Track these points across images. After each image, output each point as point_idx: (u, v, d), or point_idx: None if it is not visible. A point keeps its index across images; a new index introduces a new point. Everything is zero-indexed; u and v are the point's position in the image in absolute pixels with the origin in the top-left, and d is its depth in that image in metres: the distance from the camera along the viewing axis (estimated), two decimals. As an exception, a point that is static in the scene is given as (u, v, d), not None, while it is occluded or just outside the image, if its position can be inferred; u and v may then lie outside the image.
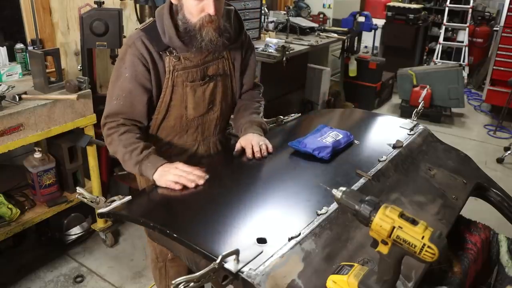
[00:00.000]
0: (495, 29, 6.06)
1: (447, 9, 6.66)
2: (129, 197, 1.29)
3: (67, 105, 2.28)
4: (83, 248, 2.74)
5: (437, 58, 6.74)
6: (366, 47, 6.27)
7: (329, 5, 5.60)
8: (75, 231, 2.71)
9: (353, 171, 1.46)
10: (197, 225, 1.17)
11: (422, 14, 6.67)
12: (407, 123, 1.90)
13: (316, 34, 4.46)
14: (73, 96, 2.27)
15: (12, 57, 2.57)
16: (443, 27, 6.75)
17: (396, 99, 5.79)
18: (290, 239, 1.08)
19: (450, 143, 1.93)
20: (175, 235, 1.11)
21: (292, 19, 4.49)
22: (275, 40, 3.66)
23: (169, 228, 1.14)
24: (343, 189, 0.98)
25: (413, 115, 1.92)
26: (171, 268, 1.76)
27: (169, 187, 1.35)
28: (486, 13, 6.88)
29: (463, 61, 6.54)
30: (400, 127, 1.88)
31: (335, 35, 4.49)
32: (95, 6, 2.65)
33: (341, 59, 5.05)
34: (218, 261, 0.94)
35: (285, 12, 4.70)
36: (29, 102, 2.16)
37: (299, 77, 4.57)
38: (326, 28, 4.74)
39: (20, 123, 2.08)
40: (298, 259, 1.04)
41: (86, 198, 1.28)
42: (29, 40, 2.74)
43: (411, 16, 6.38)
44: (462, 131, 5.06)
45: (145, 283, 2.49)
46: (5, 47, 2.51)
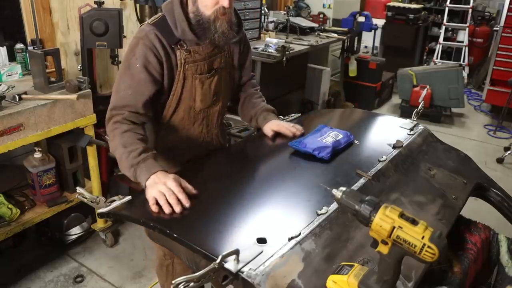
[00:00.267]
0: (495, 29, 6.06)
1: (447, 9, 6.66)
2: (129, 197, 1.29)
3: (67, 105, 2.28)
4: (83, 248, 2.74)
5: (437, 58, 6.74)
6: (366, 47, 6.27)
7: (329, 5, 5.61)
8: (75, 231, 2.71)
9: (353, 171, 1.46)
10: (197, 225, 1.17)
11: (422, 14, 6.68)
12: (407, 123, 1.90)
13: (316, 34, 4.46)
14: (73, 96, 2.27)
15: (12, 57, 2.57)
16: (443, 27, 6.75)
17: (396, 99, 5.80)
18: (290, 239, 1.08)
19: (450, 143, 1.93)
20: (175, 235, 1.11)
21: (292, 19, 4.49)
22: (275, 40, 3.66)
23: (169, 228, 1.14)
24: (343, 189, 0.98)
25: (413, 115, 1.92)
26: (178, 265, 1.75)
27: (149, 203, 1.24)
28: (486, 13, 6.88)
29: (463, 61, 6.54)
30: (400, 127, 1.88)
31: (335, 35, 4.49)
32: (95, 6, 2.65)
33: (341, 59, 5.05)
34: (218, 261, 0.94)
35: (285, 12, 4.69)
36: (29, 102, 2.16)
37: (299, 77, 4.57)
38: (326, 28, 4.74)
39: (20, 123, 2.08)
40: (298, 259, 1.04)
41: (86, 198, 1.28)
42: (29, 40, 2.74)
43: (411, 16, 6.38)
44: (462, 131, 5.06)
45: (145, 283, 2.49)
46: (5, 47, 2.51)
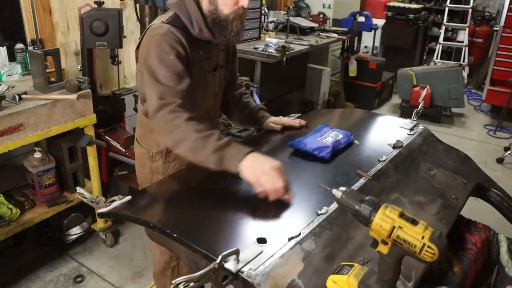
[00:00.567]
0: (495, 29, 6.07)
1: (447, 9, 6.67)
2: (129, 197, 1.29)
3: (67, 105, 2.28)
4: (83, 248, 2.74)
5: (437, 58, 6.74)
6: (366, 47, 6.27)
7: (329, 5, 5.61)
8: (75, 231, 2.71)
9: (353, 171, 1.46)
10: (197, 225, 1.17)
11: (422, 14, 6.68)
12: (407, 123, 1.90)
13: (316, 34, 4.47)
14: (73, 96, 2.27)
15: (12, 57, 2.57)
16: (443, 27, 6.76)
17: (396, 99, 5.80)
18: (290, 239, 1.08)
19: (450, 143, 1.93)
20: (175, 235, 1.11)
21: (292, 19, 4.49)
22: (275, 40, 3.66)
23: (169, 228, 1.14)
24: (343, 189, 0.98)
25: (413, 115, 1.92)
26: (185, 265, 1.75)
27: (253, 185, 1.22)
28: (486, 13, 6.88)
29: (463, 61, 6.55)
30: (400, 127, 1.88)
31: (335, 35, 4.49)
32: (95, 6, 2.65)
33: (341, 59, 5.05)
34: (218, 261, 0.94)
35: (285, 12, 4.70)
36: (29, 102, 2.16)
37: (299, 77, 4.57)
38: (326, 28, 4.75)
39: (20, 123, 2.08)
40: (298, 259, 1.04)
41: (86, 198, 1.28)
42: (29, 40, 2.74)
43: (411, 16, 6.39)
44: (462, 131, 5.06)
45: (145, 283, 2.49)
46: (5, 47, 2.51)
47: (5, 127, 2.03)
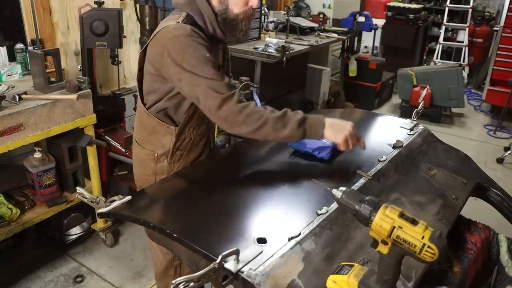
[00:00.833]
0: (495, 29, 6.07)
1: (447, 9, 6.67)
2: (129, 197, 1.29)
3: (67, 105, 2.28)
4: (83, 248, 2.75)
5: (437, 58, 6.74)
6: (366, 47, 6.27)
7: (329, 5, 5.61)
8: (75, 231, 2.71)
9: (353, 171, 1.46)
10: (197, 225, 1.18)
11: (422, 14, 6.68)
12: (407, 123, 1.90)
13: (316, 34, 4.46)
14: (73, 96, 2.27)
15: (12, 57, 2.56)
16: (443, 27, 6.75)
17: (396, 99, 5.80)
18: (290, 239, 1.08)
19: (450, 143, 1.93)
20: (175, 235, 1.11)
21: (292, 19, 4.49)
22: (275, 40, 3.66)
23: (169, 228, 1.14)
24: (343, 189, 0.98)
25: (413, 115, 1.92)
26: (187, 265, 1.74)
27: (338, 145, 1.42)
28: (486, 13, 6.88)
29: (463, 61, 6.54)
30: (400, 127, 1.88)
31: (335, 35, 4.49)
32: (95, 6, 2.65)
33: (341, 59, 5.05)
34: (218, 261, 0.94)
35: (285, 12, 4.69)
36: (29, 102, 2.16)
37: (299, 77, 4.57)
38: (326, 28, 4.74)
39: (20, 123, 2.08)
40: (298, 259, 1.04)
41: (86, 198, 1.28)
42: (29, 40, 2.74)
43: (411, 16, 6.38)
44: (462, 131, 5.06)
45: (145, 283, 2.49)
46: (5, 47, 2.51)
47: (5, 127, 2.03)
